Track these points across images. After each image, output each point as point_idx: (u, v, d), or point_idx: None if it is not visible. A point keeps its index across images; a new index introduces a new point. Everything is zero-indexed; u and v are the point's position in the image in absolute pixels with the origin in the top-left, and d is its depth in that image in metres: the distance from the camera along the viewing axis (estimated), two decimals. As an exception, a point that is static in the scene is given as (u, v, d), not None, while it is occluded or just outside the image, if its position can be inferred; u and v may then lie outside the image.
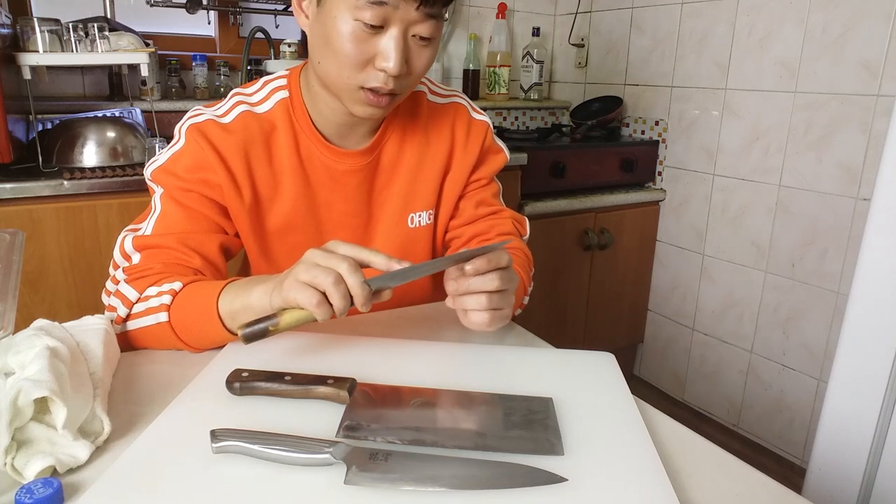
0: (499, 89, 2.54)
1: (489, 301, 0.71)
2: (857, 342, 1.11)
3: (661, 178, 2.32)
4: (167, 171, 0.82)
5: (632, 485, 0.51)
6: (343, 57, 0.75)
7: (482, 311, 0.72)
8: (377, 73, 0.76)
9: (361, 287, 0.63)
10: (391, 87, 0.76)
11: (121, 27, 1.74)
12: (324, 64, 0.79)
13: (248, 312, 0.68)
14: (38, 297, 1.42)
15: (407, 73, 0.77)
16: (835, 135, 1.77)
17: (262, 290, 0.67)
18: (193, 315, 0.74)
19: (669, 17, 2.20)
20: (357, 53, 0.74)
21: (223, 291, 0.72)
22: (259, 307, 0.67)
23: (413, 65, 0.78)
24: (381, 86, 0.76)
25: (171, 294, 0.75)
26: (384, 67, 0.74)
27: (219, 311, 0.71)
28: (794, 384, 1.95)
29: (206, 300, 0.72)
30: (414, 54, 0.77)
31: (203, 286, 0.75)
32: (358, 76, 0.76)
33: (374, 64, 0.75)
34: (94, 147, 1.51)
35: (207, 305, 0.72)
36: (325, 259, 0.63)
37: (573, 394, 0.66)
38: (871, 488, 1.11)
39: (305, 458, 0.51)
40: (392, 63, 0.74)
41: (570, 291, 2.18)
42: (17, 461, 0.49)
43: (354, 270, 0.63)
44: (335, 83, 0.79)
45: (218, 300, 0.71)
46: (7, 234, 0.80)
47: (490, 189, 1.00)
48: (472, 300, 0.72)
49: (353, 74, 0.76)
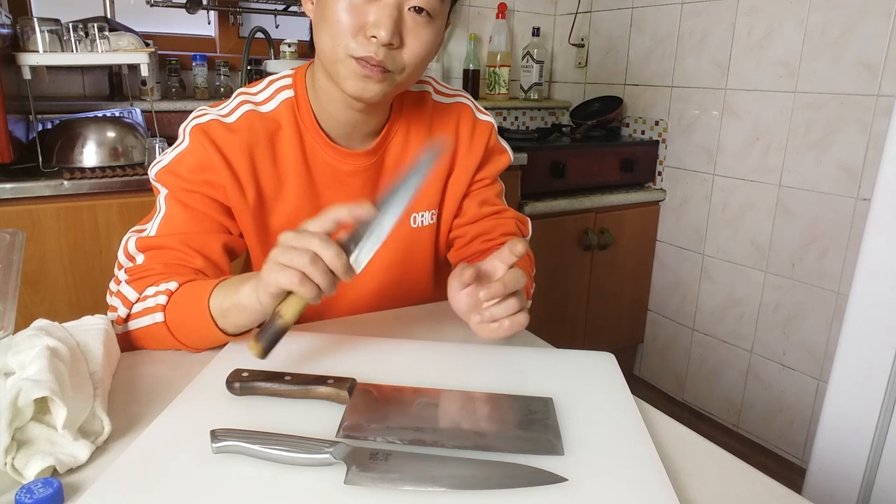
0: (499, 89, 2.54)
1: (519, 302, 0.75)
2: (857, 342, 1.11)
3: (661, 178, 2.32)
4: (171, 171, 0.82)
5: (632, 485, 0.51)
6: (336, 24, 0.75)
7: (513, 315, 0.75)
8: (368, 43, 0.75)
9: (338, 257, 0.61)
10: (381, 58, 0.75)
11: (121, 27, 1.74)
12: (322, 41, 0.78)
13: (239, 311, 0.68)
14: (38, 297, 1.42)
15: (400, 47, 0.76)
16: (835, 135, 1.77)
17: (250, 287, 0.67)
18: (187, 315, 0.74)
19: (669, 17, 2.20)
20: (350, 20, 0.74)
21: (214, 290, 0.72)
22: (248, 304, 0.67)
23: (407, 40, 0.76)
24: (371, 55, 0.75)
25: (167, 294, 0.75)
26: (375, 34, 0.74)
27: (210, 311, 0.71)
28: (794, 384, 1.95)
29: (199, 300, 0.72)
30: (409, 29, 0.76)
31: (196, 286, 0.75)
32: (350, 44, 0.75)
33: (366, 32, 0.75)
34: (94, 147, 1.51)
35: (200, 305, 0.72)
36: (298, 240, 0.62)
37: (573, 394, 0.66)
38: (871, 488, 1.11)
39: (305, 458, 0.51)
40: (383, 31, 0.73)
41: (569, 291, 2.18)
42: (17, 461, 0.49)
43: (326, 244, 0.61)
44: (329, 56, 0.78)
45: (209, 299, 0.71)
46: (7, 234, 0.80)
47: (493, 189, 1.00)
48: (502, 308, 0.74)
49: (346, 43, 0.75)
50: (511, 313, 0.74)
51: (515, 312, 0.74)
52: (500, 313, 0.73)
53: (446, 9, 0.80)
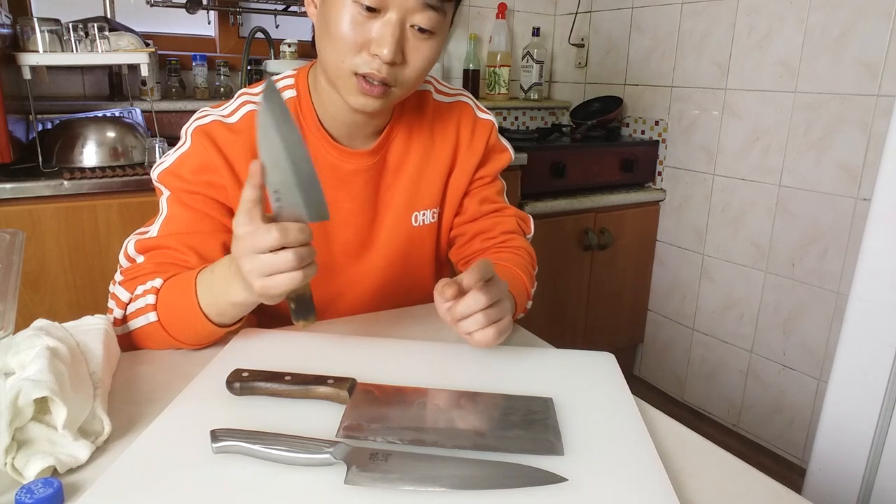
0: (499, 89, 2.54)
1: (486, 317, 0.71)
2: (857, 342, 1.11)
3: (661, 178, 2.32)
4: (173, 173, 0.83)
5: (632, 485, 0.51)
6: (339, 40, 0.75)
7: (483, 329, 0.71)
8: (371, 60, 0.75)
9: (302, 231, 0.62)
10: (384, 76, 0.75)
11: (121, 27, 1.74)
12: (324, 52, 0.79)
13: (237, 308, 0.71)
14: (38, 297, 1.42)
15: (402, 64, 0.77)
16: (835, 135, 1.77)
17: (239, 287, 0.67)
18: (179, 314, 0.74)
19: (669, 17, 2.20)
20: (353, 36, 0.74)
21: (198, 287, 0.73)
22: (244, 303, 0.69)
23: (410, 57, 0.77)
24: (374, 72, 0.75)
25: (153, 292, 0.76)
26: (377, 52, 0.74)
27: (203, 310, 0.72)
28: (794, 384, 1.95)
29: (186, 298, 0.73)
30: (411, 46, 0.76)
31: (178, 282, 0.76)
32: (353, 60, 0.75)
33: (369, 49, 0.75)
34: (94, 147, 1.51)
35: (189, 304, 0.72)
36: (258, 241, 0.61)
37: (573, 394, 0.66)
38: (871, 488, 1.11)
39: (305, 458, 0.51)
40: (385, 49, 0.73)
41: (570, 291, 2.18)
42: (17, 461, 0.49)
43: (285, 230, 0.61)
44: (332, 70, 0.78)
45: (197, 296, 0.72)
46: (7, 234, 0.80)
47: (494, 187, 1.00)
48: (471, 322, 0.71)
49: (348, 59, 0.75)
50: (479, 327, 0.71)
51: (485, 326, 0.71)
52: (468, 327, 0.71)
53: (448, 21, 0.80)
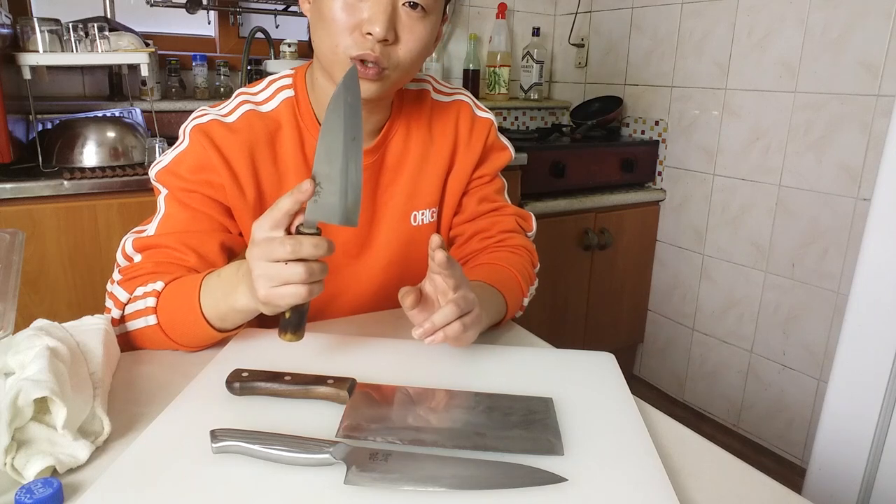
0: (499, 89, 2.54)
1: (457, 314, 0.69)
2: (857, 342, 1.11)
3: (661, 178, 2.32)
4: (171, 172, 0.83)
5: (632, 485, 0.51)
6: (333, 23, 0.75)
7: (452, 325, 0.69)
8: (364, 40, 0.75)
9: (317, 247, 0.61)
10: (377, 55, 0.76)
11: (121, 27, 1.74)
12: (319, 43, 0.79)
13: (238, 315, 0.71)
14: (38, 297, 1.42)
15: (395, 43, 0.77)
16: (835, 135, 1.77)
17: (243, 293, 0.67)
18: (179, 317, 0.74)
19: (669, 17, 2.20)
20: (346, 18, 0.75)
21: (202, 291, 0.72)
22: (245, 309, 0.68)
23: (403, 36, 0.77)
24: (368, 52, 0.75)
25: (154, 295, 0.75)
26: (370, 30, 0.74)
27: (204, 314, 0.72)
28: (794, 384, 1.95)
29: (189, 302, 0.72)
30: (404, 25, 0.77)
31: (181, 285, 0.75)
32: (346, 42, 0.76)
33: (361, 30, 0.75)
34: (94, 147, 1.51)
35: (191, 307, 0.72)
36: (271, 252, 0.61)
37: (573, 394, 0.66)
38: (871, 488, 1.11)
39: (305, 458, 0.51)
40: (377, 27, 0.74)
41: (570, 291, 2.18)
42: (17, 461, 0.49)
43: (298, 244, 0.60)
44: (328, 58, 0.78)
45: (200, 301, 0.72)
46: (7, 234, 0.80)
47: (493, 185, 1.00)
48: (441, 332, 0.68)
49: (343, 42, 0.76)
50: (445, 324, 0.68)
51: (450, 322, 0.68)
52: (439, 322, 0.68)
53: (441, 3, 0.81)
